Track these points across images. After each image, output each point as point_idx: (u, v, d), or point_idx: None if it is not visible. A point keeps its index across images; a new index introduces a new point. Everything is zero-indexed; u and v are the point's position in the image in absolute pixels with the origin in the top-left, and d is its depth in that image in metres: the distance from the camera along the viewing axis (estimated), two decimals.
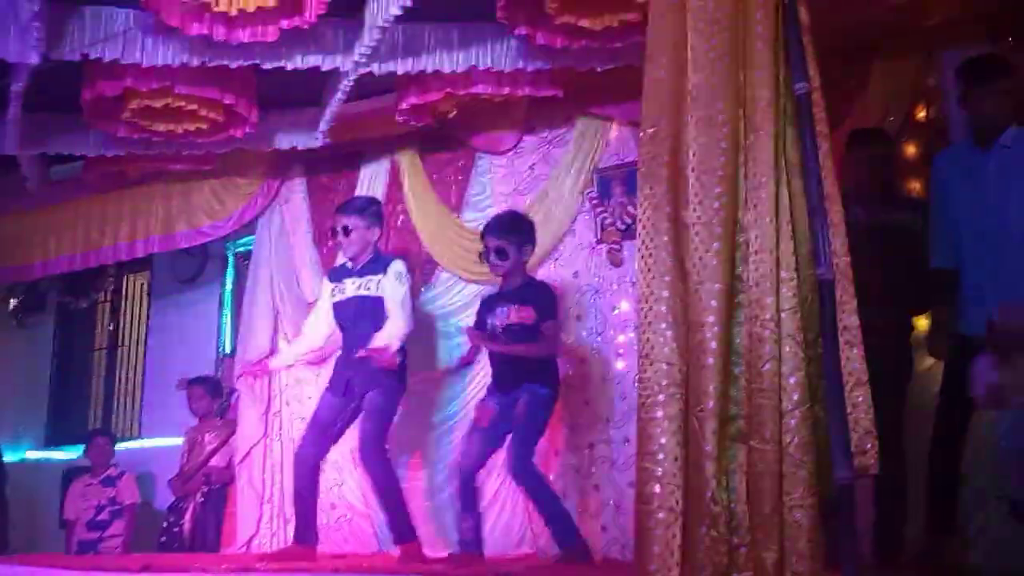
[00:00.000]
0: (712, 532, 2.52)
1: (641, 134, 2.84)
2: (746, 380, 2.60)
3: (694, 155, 2.69)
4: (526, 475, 4.36)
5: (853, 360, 2.60)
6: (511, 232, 4.62)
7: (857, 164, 4.25)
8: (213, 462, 6.31)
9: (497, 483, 5.30)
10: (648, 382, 2.66)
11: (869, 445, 2.60)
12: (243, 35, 4.16)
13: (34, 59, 4.18)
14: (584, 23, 4.21)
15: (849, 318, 2.62)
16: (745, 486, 2.55)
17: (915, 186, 4.62)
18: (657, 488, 2.58)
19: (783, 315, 2.57)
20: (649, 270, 2.72)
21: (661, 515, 2.56)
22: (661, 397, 2.63)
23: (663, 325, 2.65)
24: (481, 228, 4.89)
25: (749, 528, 2.53)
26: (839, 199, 2.68)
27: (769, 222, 2.60)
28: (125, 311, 8.33)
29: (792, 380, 2.52)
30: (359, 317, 4.77)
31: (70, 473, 7.46)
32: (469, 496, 4.51)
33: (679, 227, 2.71)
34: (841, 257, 2.63)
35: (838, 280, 2.61)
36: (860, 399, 2.61)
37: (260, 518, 5.97)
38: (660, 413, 2.62)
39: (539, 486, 4.41)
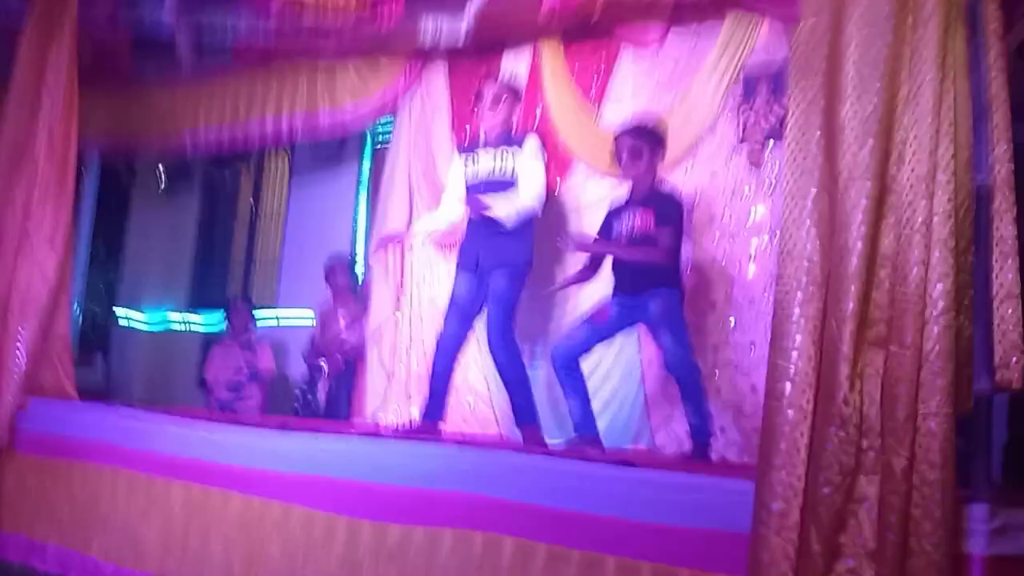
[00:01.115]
0: (840, 433, 2.50)
1: (800, 25, 2.75)
2: (890, 284, 2.54)
3: (855, 48, 2.60)
4: (686, 367, 4.36)
5: (1006, 271, 2.52)
6: (646, 134, 4.52)
7: None
8: (345, 337, 6.54)
9: (613, 381, 5.35)
10: (787, 279, 2.63)
11: (1014, 359, 2.52)
12: None
13: None
14: None
15: (1006, 228, 2.53)
16: (880, 390, 2.52)
17: None
18: (788, 386, 2.58)
19: (935, 220, 2.49)
20: (797, 165, 2.67)
21: (790, 413, 2.56)
22: (800, 295, 2.60)
23: (808, 222, 2.60)
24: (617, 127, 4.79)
25: (880, 433, 2.50)
26: (1007, 104, 2.56)
27: (930, 122, 2.51)
28: (267, 185, 8.59)
29: (939, 287, 2.45)
30: (491, 189, 4.75)
31: (209, 336, 7.84)
32: (576, 379, 4.51)
33: (832, 122, 2.64)
34: (1003, 164, 2.53)
35: (998, 188, 2.52)
36: (1009, 312, 2.53)
37: (386, 393, 6.17)
38: (797, 311, 2.59)
39: (695, 380, 4.40)
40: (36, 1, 4.95)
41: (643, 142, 4.47)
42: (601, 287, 4.92)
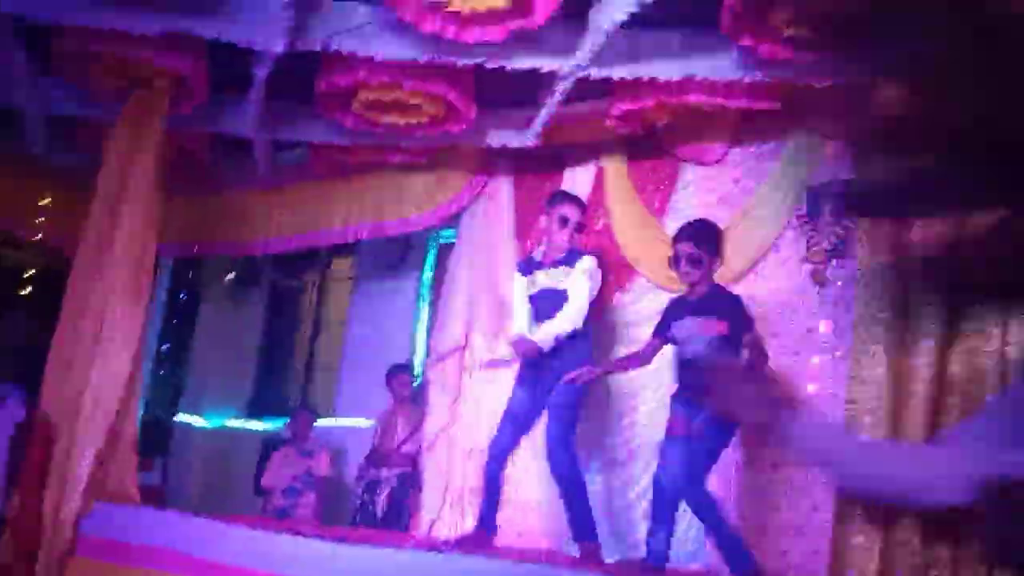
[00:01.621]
0: (912, 558, 2.46)
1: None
2: (960, 411, 2.52)
3: None
4: (694, 495, 4.17)
5: None
6: (706, 240, 4.49)
7: None
8: (406, 448, 6.54)
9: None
10: (856, 404, 2.62)
11: None
12: (472, 34, 4.28)
13: (279, 48, 4.47)
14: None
15: None
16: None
17: None
18: (858, 510, 2.54)
19: (1008, 348, 2.47)
20: (868, 289, 2.68)
21: (859, 539, 2.52)
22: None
23: (880, 346, 2.60)
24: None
25: (950, 560, 2.45)
26: None
27: None
28: (330, 293, 8.73)
29: None
30: (549, 310, 4.77)
31: (268, 443, 7.88)
32: (664, 510, 4.33)
33: (901, 246, 2.65)
34: None
35: None
36: None
37: (442, 504, 6.13)
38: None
39: (708, 508, 4.17)
40: (128, 102, 5.14)
41: (701, 248, 4.44)
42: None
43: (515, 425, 4.80)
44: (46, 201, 6.91)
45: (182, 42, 4.65)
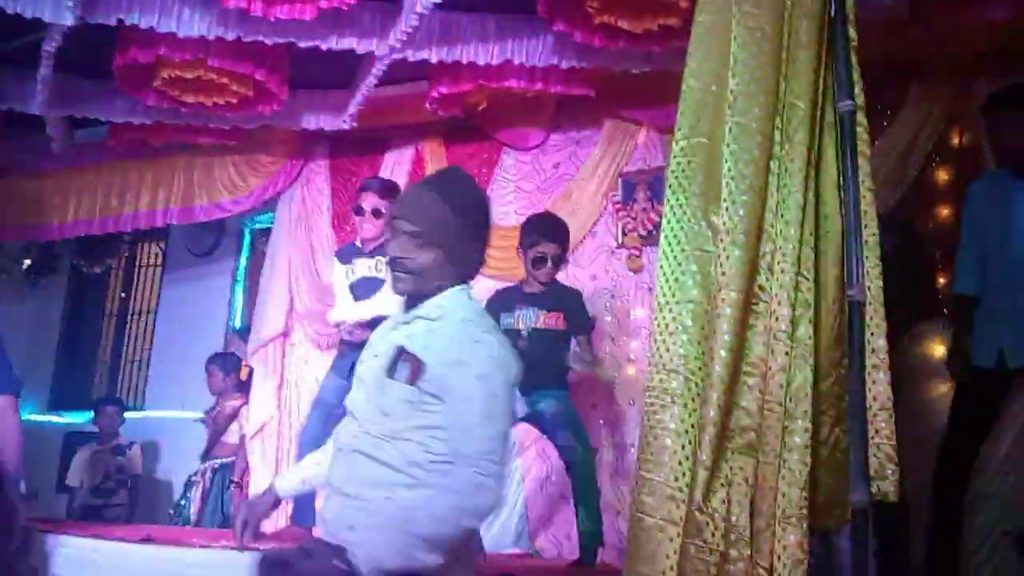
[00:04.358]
0: (697, 542, 2.46)
1: (674, 143, 2.77)
2: (759, 392, 2.54)
3: (727, 162, 2.65)
4: (586, 466, 4.27)
5: (879, 384, 2.53)
6: (564, 238, 4.40)
7: None
8: (227, 439, 6.25)
9: None
10: (655, 389, 2.61)
11: (890, 471, 2.53)
12: (280, 12, 4.11)
13: (68, 20, 4.16)
14: (624, 24, 4.17)
15: (878, 341, 2.55)
16: (750, 499, 2.50)
17: (944, 212, 4.59)
18: (651, 499, 2.53)
19: (799, 328, 2.52)
20: (671, 276, 2.68)
21: (651, 524, 2.52)
22: (668, 400, 2.58)
23: (679, 329, 2.60)
24: (524, 228, 4.53)
25: (748, 542, 2.48)
26: (875, 221, 2.62)
27: (794, 232, 2.55)
28: (138, 279, 8.32)
29: (800, 394, 2.46)
30: (363, 295, 4.58)
31: (71, 438, 7.45)
32: None
33: (705, 234, 2.67)
34: (874, 280, 2.58)
35: (869, 302, 2.56)
36: (883, 424, 2.54)
37: None
38: (666, 418, 2.57)
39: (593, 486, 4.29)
40: None
41: (563, 246, 4.36)
42: None
43: (326, 413, 4.62)
44: None
45: None
